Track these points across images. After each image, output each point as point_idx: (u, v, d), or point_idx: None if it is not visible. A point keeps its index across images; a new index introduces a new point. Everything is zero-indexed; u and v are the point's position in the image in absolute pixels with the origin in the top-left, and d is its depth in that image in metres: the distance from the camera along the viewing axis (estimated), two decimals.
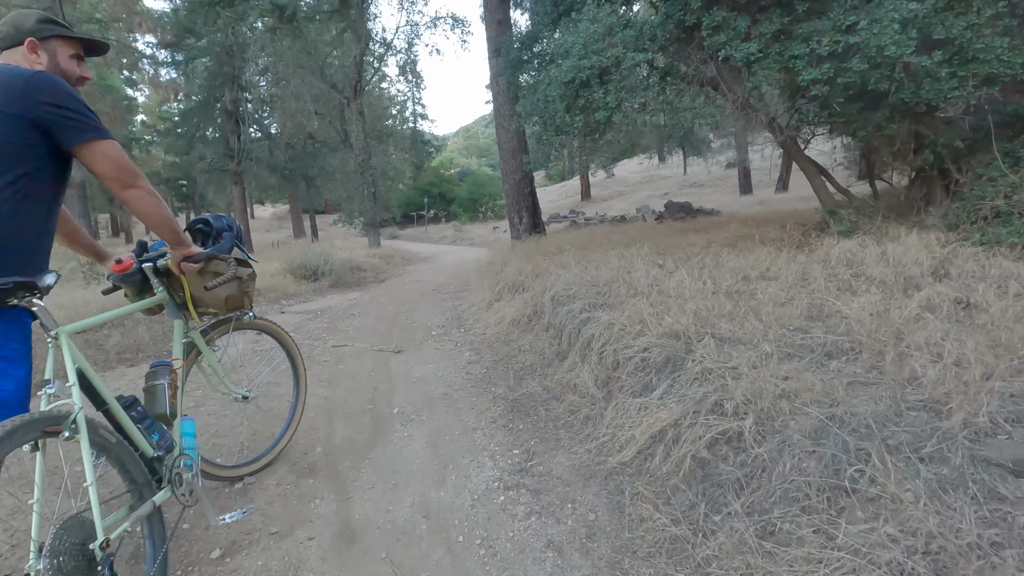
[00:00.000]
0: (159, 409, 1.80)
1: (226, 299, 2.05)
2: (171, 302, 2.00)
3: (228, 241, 2.09)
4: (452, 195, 36.58)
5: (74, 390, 1.40)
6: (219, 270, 2.00)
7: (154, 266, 1.91)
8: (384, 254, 15.06)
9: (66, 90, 1.45)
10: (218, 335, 2.25)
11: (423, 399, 3.35)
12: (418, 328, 5.45)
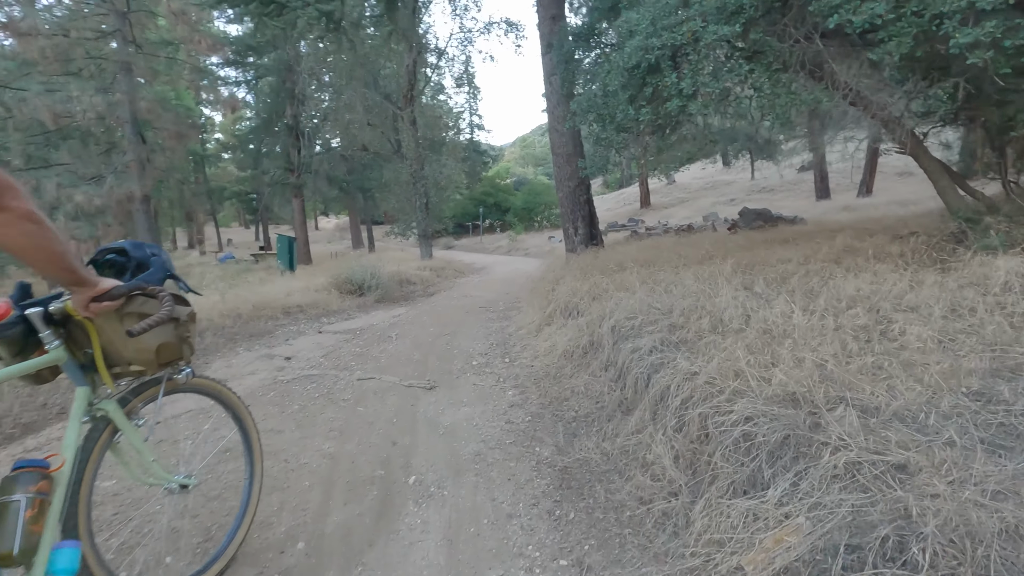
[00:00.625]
0: (1, 545, 1.13)
1: (158, 349, 1.48)
2: (71, 362, 1.41)
3: (158, 269, 1.54)
4: (507, 205, 36.19)
5: None
6: (147, 310, 1.44)
7: (45, 311, 1.34)
8: (435, 266, 14.67)
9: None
10: (143, 403, 1.62)
11: (449, 461, 2.67)
12: (457, 356, 4.79)
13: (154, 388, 1.63)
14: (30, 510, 1.16)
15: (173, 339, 1.54)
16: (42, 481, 1.21)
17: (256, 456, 2.02)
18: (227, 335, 5.90)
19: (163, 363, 1.53)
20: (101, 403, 1.47)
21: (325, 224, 60.02)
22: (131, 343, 1.42)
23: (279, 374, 4.43)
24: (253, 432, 2.01)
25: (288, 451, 2.81)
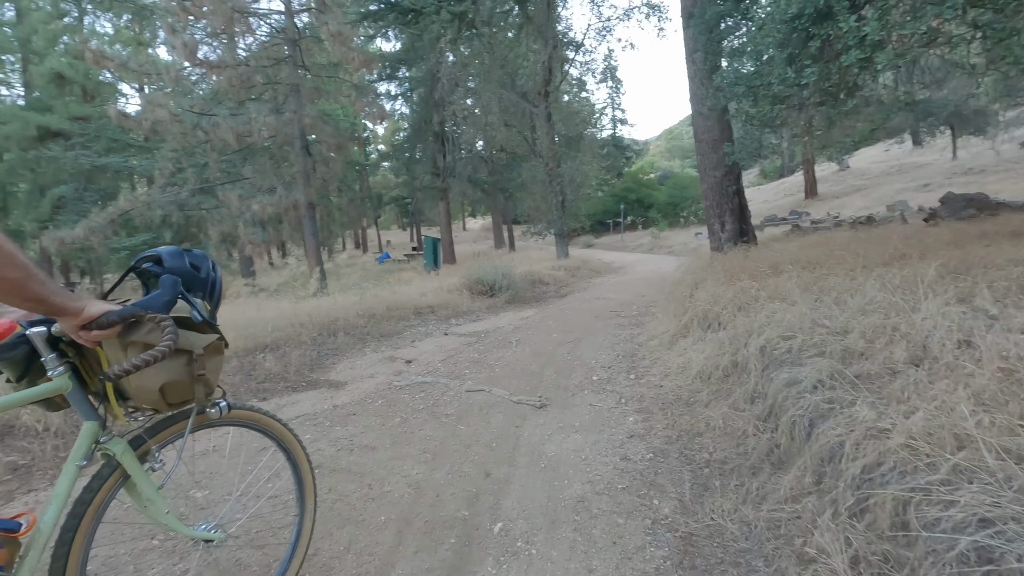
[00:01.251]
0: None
1: (162, 389, 1.21)
2: (77, 391, 1.18)
3: (167, 290, 1.23)
4: (650, 200, 34.54)
5: None
6: (153, 340, 1.15)
7: (48, 333, 1.14)
8: (570, 265, 14.27)
9: None
10: (163, 443, 1.36)
11: (545, 507, 2.22)
12: (577, 369, 4.32)
13: (178, 425, 1.37)
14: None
15: (183, 377, 1.25)
16: (2, 549, 0.99)
17: (308, 491, 1.76)
18: (358, 335, 6.08)
19: (174, 404, 1.26)
20: (109, 443, 1.23)
21: (472, 225, 63.03)
22: (134, 379, 1.17)
23: (395, 379, 4.34)
24: (304, 464, 1.75)
25: (374, 474, 2.58)
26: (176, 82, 13.56)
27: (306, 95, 13.67)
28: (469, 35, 10.14)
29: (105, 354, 1.17)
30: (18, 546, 1.03)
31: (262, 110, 12.63)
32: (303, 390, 4.16)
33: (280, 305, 7.63)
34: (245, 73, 12.58)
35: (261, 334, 5.28)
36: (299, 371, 4.65)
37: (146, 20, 20.11)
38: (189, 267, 1.35)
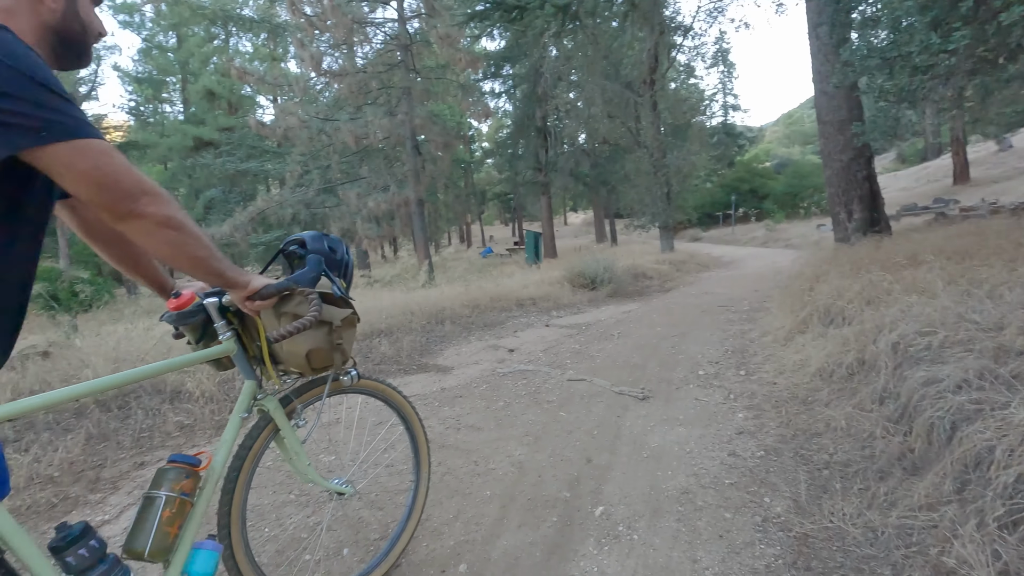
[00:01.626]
0: (137, 542, 1.10)
1: (308, 354, 1.37)
2: (241, 354, 1.38)
3: (312, 267, 1.39)
4: (765, 191, 32.24)
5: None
6: (301, 311, 1.31)
7: (219, 303, 1.32)
8: (676, 259, 13.77)
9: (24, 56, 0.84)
10: (305, 403, 1.55)
11: (647, 495, 2.21)
12: (682, 363, 4.19)
13: (318, 389, 1.54)
14: (168, 510, 1.14)
15: (325, 345, 1.40)
16: (186, 480, 1.19)
17: (423, 459, 1.89)
18: (464, 324, 6.34)
19: (317, 368, 1.42)
20: (265, 399, 1.43)
21: (573, 219, 62.75)
22: (285, 344, 1.34)
23: (498, 366, 4.49)
24: (421, 435, 1.88)
25: (480, 452, 2.71)
26: (304, 91, 14.89)
27: (416, 97, 14.39)
28: (572, 28, 10.10)
29: (262, 323, 1.36)
30: (199, 479, 1.23)
31: (377, 113, 13.51)
32: (414, 373, 4.43)
33: (393, 295, 8.14)
34: (362, 80, 13.51)
35: (376, 321, 5.69)
36: (410, 355, 4.95)
37: (279, 37, 22.23)
38: (327, 249, 1.51)
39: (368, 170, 14.93)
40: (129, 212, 0.95)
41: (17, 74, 0.82)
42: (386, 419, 1.89)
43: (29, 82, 0.83)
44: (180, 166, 22.28)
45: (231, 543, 1.35)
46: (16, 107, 0.82)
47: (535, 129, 21.43)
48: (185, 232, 1.03)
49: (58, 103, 0.86)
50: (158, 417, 3.17)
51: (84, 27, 1.05)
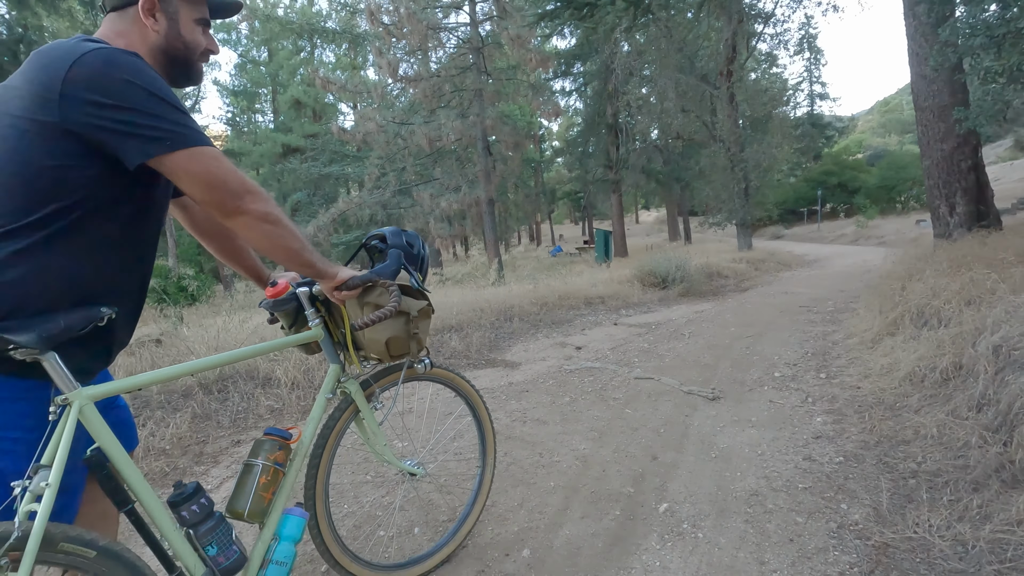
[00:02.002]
0: (238, 503, 1.26)
1: (387, 342, 1.47)
2: (327, 340, 1.50)
3: (393, 261, 1.48)
4: (856, 184, 30.03)
5: (47, 494, 0.89)
6: (382, 302, 1.42)
7: (310, 292, 1.45)
8: (754, 258, 13.18)
9: (123, 77, 0.94)
10: (383, 388, 1.65)
11: (714, 495, 2.17)
12: (757, 364, 4.04)
13: (394, 375, 1.65)
14: (263, 477, 1.28)
15: (402, 334, 1.51)
16: (279, 451, 1.33)
17: (489, 446, 1.96)
18: (532, 321, 6.41)
19: (395, 355, 1.52)
20: (347, 382, 1.54)
21: (645, 217, 61.34)
22: (367, 332, 1.44)
23: (565, 363, 4.52)
24: (487, 423, 1.96)
25: (545, 445, 2.76)
26: (381, 97, 15.56)
27: (487, 98, 14.64)
28: (645, 21, 9.90)
29: (347, 311, 1.48)
30: (289, 451, 1.37)
31: (450, 116, 13.88)
32: (482, 367, 4.55)
33: (463, 293, 8.36)
34: (436, 84, 13.94)
35: (448, 317, 5.87)
36: (479, 351, 5.08)
37: (359, 47, 23.35)
38: (406, 244, 1.60)
39: (441, 171, 15.37)
40: (235, 209, 1.08)
41: (145, 92, 0.96)
42: (456, 410, 1.97)
43: (154, 99, 0.97)
44: (270, 171, 23.94)
45: (315, 512, 1.48)
46: (145, 121, 0.96)
47: (606, 126, 21.16)
48: (281, 227, 1.15)
49: (177, 116, 1.00)
50: (252, 400, 3.46)
51: (187, 46, 1.16)
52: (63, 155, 0.95)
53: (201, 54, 1.20)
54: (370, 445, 1.65)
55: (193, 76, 1.22)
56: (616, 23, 9.02)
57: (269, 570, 1.29)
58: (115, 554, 1.00)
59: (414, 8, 13.36)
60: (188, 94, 25.27)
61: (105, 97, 0.93)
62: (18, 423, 0.99)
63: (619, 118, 19.94)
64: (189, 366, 1.21)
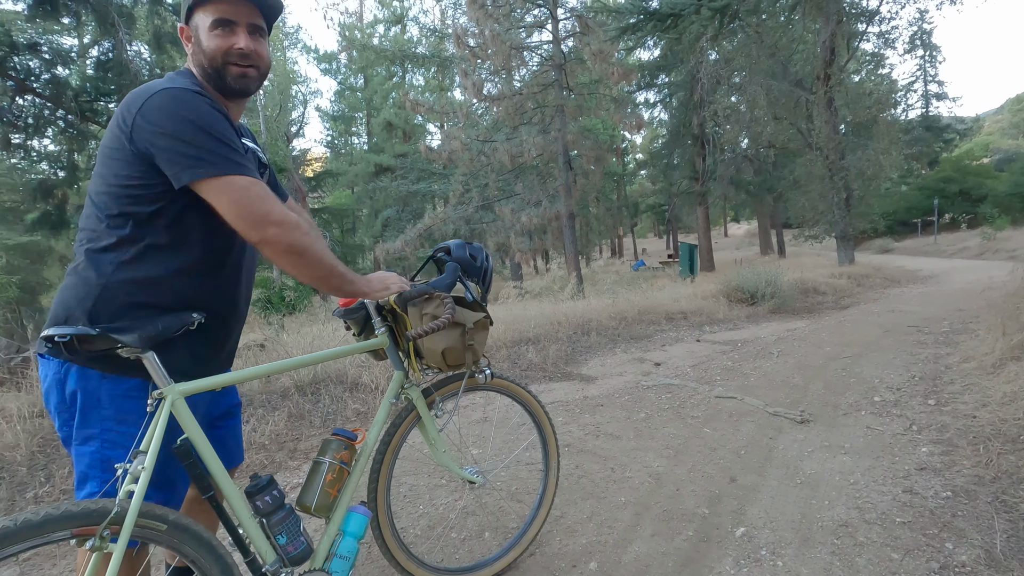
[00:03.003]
0: (306, 497, 1.36)
1: (443, 352, 1.52)
2: (392, 347, 1.57)
3: (449, 274, 1.56)
4: (982, 192, 26.95)
5: (143, 477, 1.04)
6: (438, 313, 1.49)
7: (376, 302, 1.54)
8: (857, 273, 12.19)
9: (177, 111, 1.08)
10: (443, 397, 1.69)
11: (797, 523, 2.04)
12: (854, 387, 3.75)
13: (455, 384, 1.70)
14: (330, 474, 1.38)
15: (458, 344, 1.54)
16: (345, 451, 1.43)
17: (552, 455, 1.95)
18: (609, 336, 6.33)
19: (451, 365, 1.55)
20: (409, 389, 1.60)
21: (735, 230, 58.53)
22: (426, 342, 1.50)
23: (643, 379, 4.43)
24: (550, 432, 1.95)
25: (617, 460, 2.72)
26: (466, 116, 16.13)
27: (569, 114, 14.75)
28: (733, 28, 9.58)
29: (410, 321, 1.55)
30: (354, 451, 1.47)
31: (531, 132, 14.11)
32: (558, 380, 4.56)
33: (541, 306, 8.41)
34: (519, 101, 14.24)
35: (525, 329, 5.95)
36: (555, 363, 5.09)
37: (447, 69, 24.41)
38: (468, 256, 1.67)
39: (522, 186, 15.62)
40: (258, 239, 1.13)
41: (191, 124, 1.08)
42: (528, 421, 2.01)
43: (200, 131, 1.08)
44: (364, 190, 25.45)
45: (377, 512, 1.56)
46: (188, 150, 1.07)
47: (691, 137, 20.56)
48: (307, 256, 1.18)
49: (216, 146, 1.09)
50: (340, 403, 3.70)
51: (207, 54, 1.19)
52: (138, 175, 1.11)
53: (226, 55, 1.19)
54: (432, 451, 1.70)
55: (228, 81, 1.21)
56: (701, 32, 8.80)
57: (333, 563, 1.37)
58: (183, 527, 1.13)
59: (498, 30, 13.79)
60: (293, 120, 27.54)
61: (161, 128, 1.07)
62: (129, 419, 1.15)
63: (706, 128, 19.31)
64: (264, 368, 1.34)
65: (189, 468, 1.16)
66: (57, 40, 9.38)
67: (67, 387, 1.13)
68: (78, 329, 1.03)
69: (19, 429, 3.06)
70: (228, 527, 1.21)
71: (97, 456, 1.13)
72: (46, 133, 8.01)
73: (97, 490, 1.12)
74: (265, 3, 1.23)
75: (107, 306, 1.12)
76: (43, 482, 2.69)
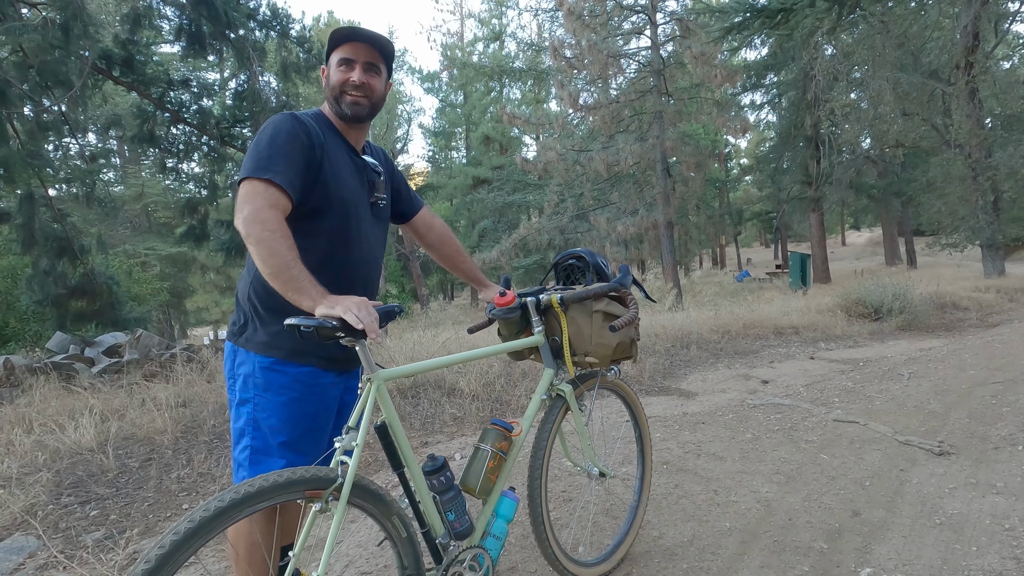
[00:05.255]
0: (469, 480, 1.49)
1: (616, 346, 1.60)
2: (546, 346, 1.67)
3: (626, 275, 1.66)
4: None
5: (356, 452, 1.17)
6: (611, 310, 1.59)
7: (537, 301, 1.64)
8: (1008, 286, 10.67)
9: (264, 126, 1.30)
10: (584, 392, 1.79)
11: (939, 568, 1.80)
12: (1007, 417, 3.25)
13: (592, 380, 1.78)
14: (491, 461, 1.50)
15: (627, 339, 1.64)
16: (503, 441, 1.54)
17: (647, 464, 2.05)
18: (711, 350, 6.01)
19: (615, 359, 1.65)
20: (561, 385, 1.69)
21: (855, 239, 53.34)
22: (595, 338, 1.59)
23: (749, 397, 4.16)
24: (647, 436, 2.06)
25: (721, 482, 2.56)
26: (562, 127, 16.18)
27: (668, 120, 14.31)
28: (853, 19, 8.78)
29: (568, 319, 1.63)
30: (511, 442, 1.57)
31: (628, 140, 13.86)
32: (655, 394, 4.40)
33: None
34: (615, 109, 14.07)
35: None
36: (652, 377, 4.92)
37: (543, 82, 24.68)
38: (599, 263, 1.79)
39: (618, 195, 15.36)
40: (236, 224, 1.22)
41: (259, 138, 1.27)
42: (629, 421, 2.06)
43: (259, 143, 1.26)
44: (462, 202, 26.37)
45: (538, 495, 1.62)
46: (246, 154, 1.27)
47: (804, 139, 19.13)
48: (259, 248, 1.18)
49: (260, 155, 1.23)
50: (438, 408, 3.83)
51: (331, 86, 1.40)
52: None
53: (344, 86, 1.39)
54: (563, 445, 1.82)
55: (343, 107, 1.40)
56: (816, 26, 8.16)
57: (487, 541, 1.49)
58: (380, 495, 1.26)
59: (595, 39, 13.73)
60: (399, 137, 29.23)
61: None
62: (334, 406, 1.41)
63: (820, 129, 17.88)
64: (446, 360, 1.46)
65: (386, 445, 1.29)
66: (203, 76, 10.68)
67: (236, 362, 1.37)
68: (320, 321, 1.13)
69: (167, 417, 3.48)
70: (410, 500, 1.32)
71: (250, 416, 1.33)
72: (193, 157, 9.15)
73: (250, 444, 1.33)
74: (379, 44, 1.41)
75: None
76: (184, 464, 3.03)
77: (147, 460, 3.09)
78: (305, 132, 1.30)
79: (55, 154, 8.03)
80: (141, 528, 2.40)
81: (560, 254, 1.85)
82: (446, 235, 1.78)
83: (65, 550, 2.21)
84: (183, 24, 7.70)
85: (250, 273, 1.36)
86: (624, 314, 1.54)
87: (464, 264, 1.81)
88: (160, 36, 8.67)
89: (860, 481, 2.50)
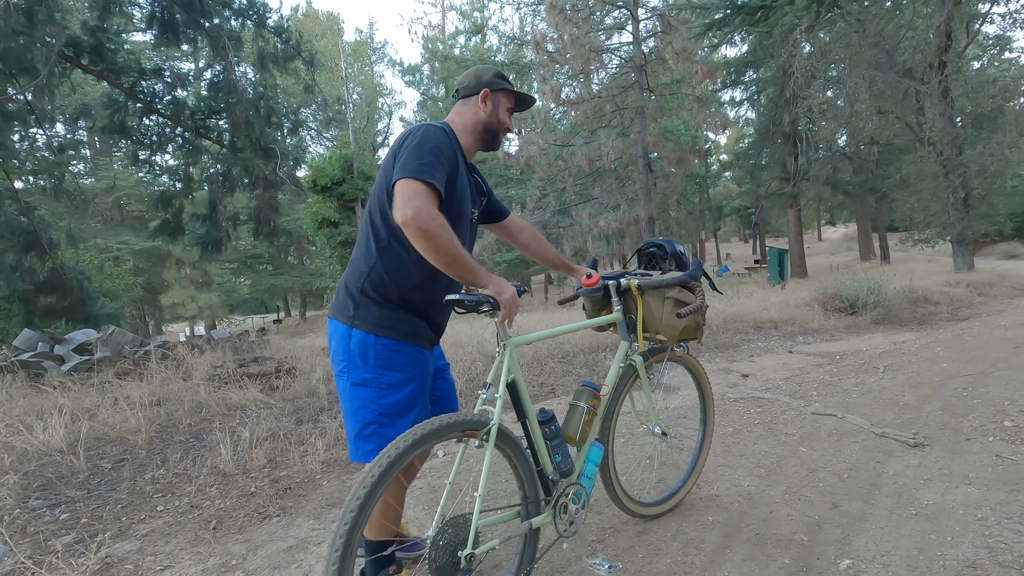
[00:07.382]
0: (569, 430, 1.78)
1: (683, 328, 1.89)
2: (623, 323, 1.97)
3: (696, 268, 1.89)
4: None
5: (499, 402, 1.49)
6: (681, 298, 1.87)
7: (617, 284, 1.94)
8: (977, 281, 10.97)
9: (423, 134, 1.46)
10: (653, 364, 2.08)
11: (915, 559, 1.83)
12: (978, 408, 3.34)
13: (661, 354, 2.08)
14: (586, 416, 1.79)
15: (694, 323, 1.91)
16: (594, 399, 1.81)
17: (709, 424, 2.45)
18: (692, 344, 6.06)
19: (681, 340, 1.92)
20: (634, 356, 1.98)
21: (830, 235, 54.40)
22: (665, 320, 1.86)
23: (729, 391, 4.20)
24: (711, 405, 2.46)
25: (703, 476, 2.58)
26: (544, 122, 16.15)
27: (649, 115, 14.38)
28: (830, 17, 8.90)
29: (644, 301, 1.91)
30: (599, 400, 1.84)
31: (610, 135, 13.90)
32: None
33: None
34: (597, 104, 14.08)
35: (602, 337, 5.83)
36: None
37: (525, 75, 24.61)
38: (678, 251, 2.05)
39: (600, 190, 15.40)
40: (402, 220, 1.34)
41: (417, 143, 1.43)
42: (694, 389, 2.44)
43: (417, 147, 1.42)
44: None
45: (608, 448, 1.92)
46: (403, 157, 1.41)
47: (782, 135, 19.37)
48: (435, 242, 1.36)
49: (422, 158, 1.39)
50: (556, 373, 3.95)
51: (499, 124, 1.67)
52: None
53: (504, 130, 1.70)
54: (632, 408, 2.14)
55: (496, 144, 1.71)
56: (795, 23, 8.25)
57: (582, 480, 1.78)
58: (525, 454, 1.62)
59: (577, 34, 13.71)
60: (380, 131, 28.91)
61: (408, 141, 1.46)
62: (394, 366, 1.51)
63: (798, 125, 18.14)
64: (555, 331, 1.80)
65: (514, 399, 1.58)
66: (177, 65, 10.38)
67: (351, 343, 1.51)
68: (479, 297, 1.41)
69: (141, 416, 3.39)
70: (530, 444, 1.63)
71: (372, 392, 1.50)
72: (167, 149, 8.92)
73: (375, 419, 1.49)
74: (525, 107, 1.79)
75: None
76: (159, 464, 2.96)
77: (120, 461, 3.01)
78: (451, 149, 1.50)
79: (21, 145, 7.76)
80: (114, 531, 2.33)
81: (643, 242, 2.14)
82: (534, 233, 2.01)
83: (33, 555, 2.13)
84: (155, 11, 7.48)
85: (367, 264, 1.52)
86: (692, 303, 1.81)
87: (552, 255, 2.04)
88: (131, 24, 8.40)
89: (838, 473, 2.54)
